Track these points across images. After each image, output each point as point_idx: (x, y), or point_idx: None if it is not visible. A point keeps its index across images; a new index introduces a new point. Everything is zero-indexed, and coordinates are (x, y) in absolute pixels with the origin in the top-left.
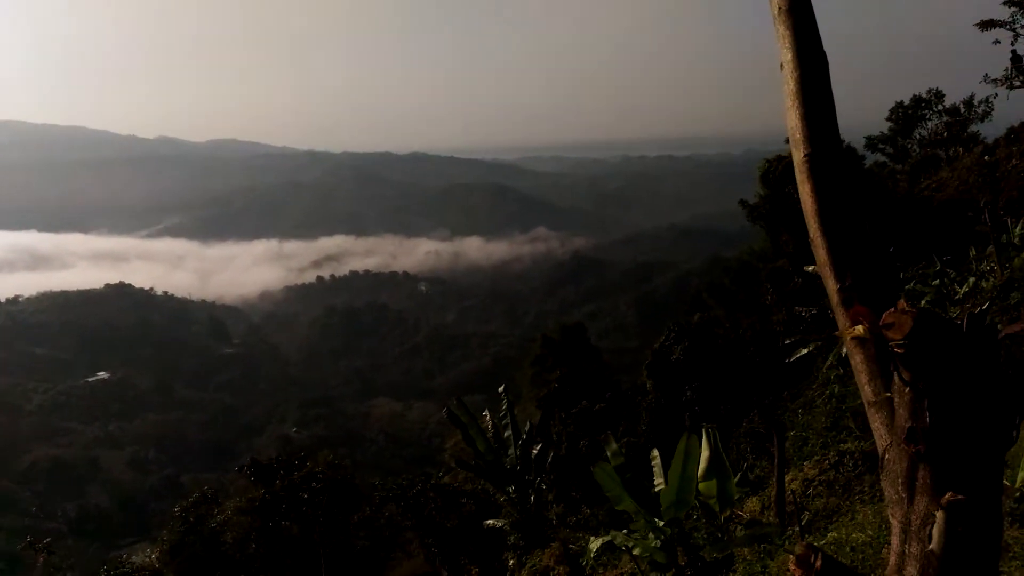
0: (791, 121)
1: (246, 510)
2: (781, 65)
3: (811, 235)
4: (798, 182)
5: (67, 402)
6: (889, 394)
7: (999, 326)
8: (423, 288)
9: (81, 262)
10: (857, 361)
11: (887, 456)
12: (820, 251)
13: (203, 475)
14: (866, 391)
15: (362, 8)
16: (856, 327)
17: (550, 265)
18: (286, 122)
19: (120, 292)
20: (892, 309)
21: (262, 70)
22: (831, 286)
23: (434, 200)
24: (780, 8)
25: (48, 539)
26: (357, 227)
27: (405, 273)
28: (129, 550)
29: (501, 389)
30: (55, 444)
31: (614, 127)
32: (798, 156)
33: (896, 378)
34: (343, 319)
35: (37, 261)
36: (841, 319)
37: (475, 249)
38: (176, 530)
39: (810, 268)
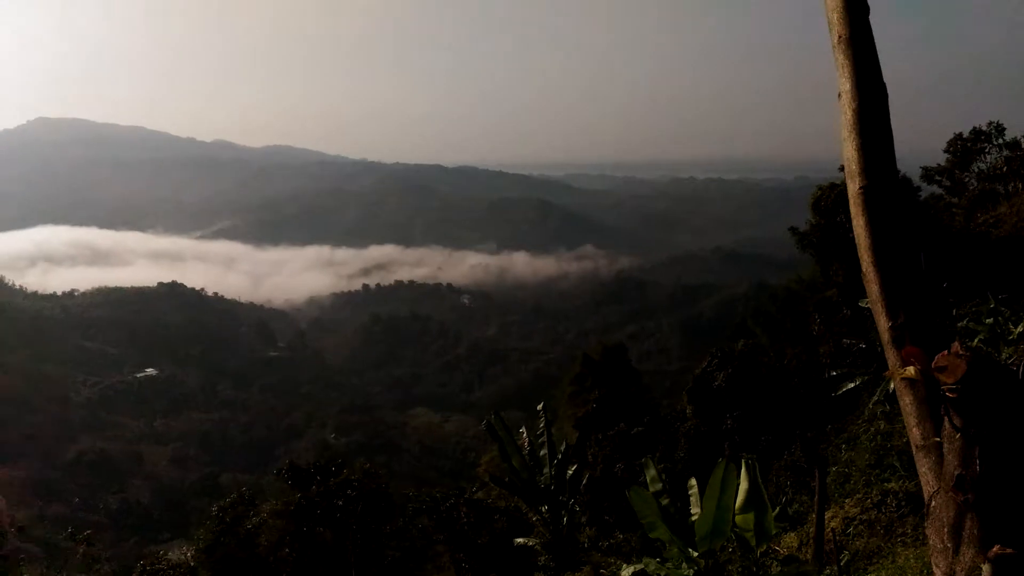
0: (847, 152)
1: (282, 513)
2: (839, 95)
3: (864, 269)
4: (852, 214)
5: (115, 396)
6: (938, 439)
7: None
8: (466, 301)
9: (140, 260)
10: (906, 402)
11: (933, 503)
12: (872, 286)
13: (242, 475)
14: (914, 434)
15: (418, 22)
16: (907, 368)
17: (594, 284)
18: (340, 131)
19: (172, 291)
20: (945, 352)
21: (318, 78)
22: (882, 323)
23: (481, 213)
24: (840, 37)
25: (89, 531)
26: (405, 237)
27: (449, 285)
28: (166, 546)
29: (540, 407)
30: (101, 437)
31: (663, 147)
32: (853, 188)
33: (947, 423)
34: (386, 328)
35: (97, 257)
36: (891, 357)
37: (522, 264)
38: (212, 529)
39: (863, 303)
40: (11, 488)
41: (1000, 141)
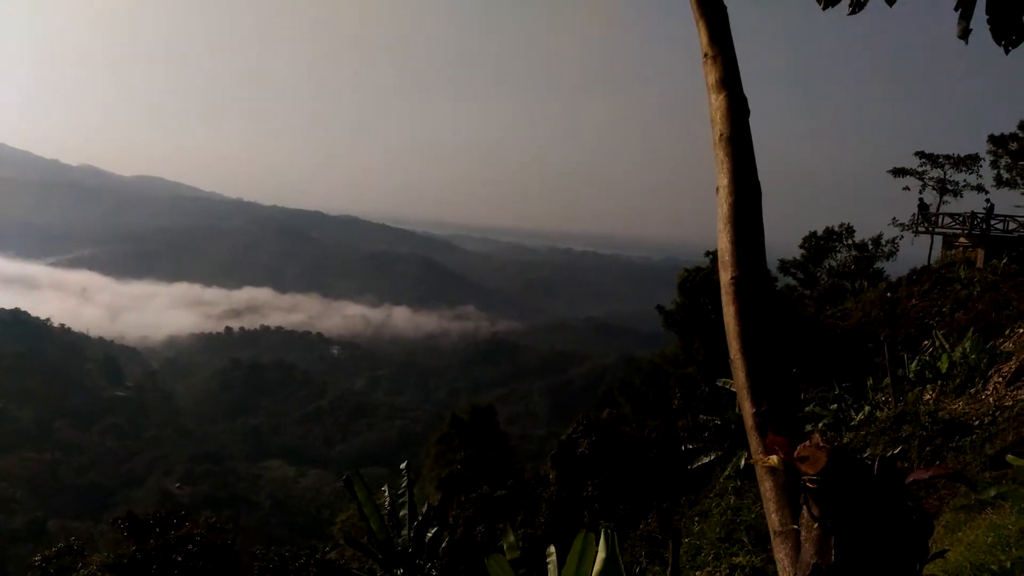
0: (721, 243)
1: (114, 567)
2: (717, 189)
3: (732, 356)
4: (723, 303)
5: None
6: (796, 526)
7: (906, 471)
8: (335, 351)
9: None
10: (766, 488)
11: None
12: (739, 373)
13: (72, 523)
14: (773, 520)
15: (310, 64)
16: (771, 456)
17: (469, 343)
18: (217, 168)
19: (14, 319)
20: (807, 443)
21: (199, 111)
22: (747, 409)
23: (359, 265)
24: (722, 135)
25: None
26: (278, 282)
27: (319, 334)
28: None
29: (403, 465)
30: None
31: (544, 217)
32: (725, 277)
33: (805, 512)
34: (247, 374)
35: None
36: (754, 443)
37: (403, 318)
38: None
39: (720, 382)
40: None
41: (850, 241)
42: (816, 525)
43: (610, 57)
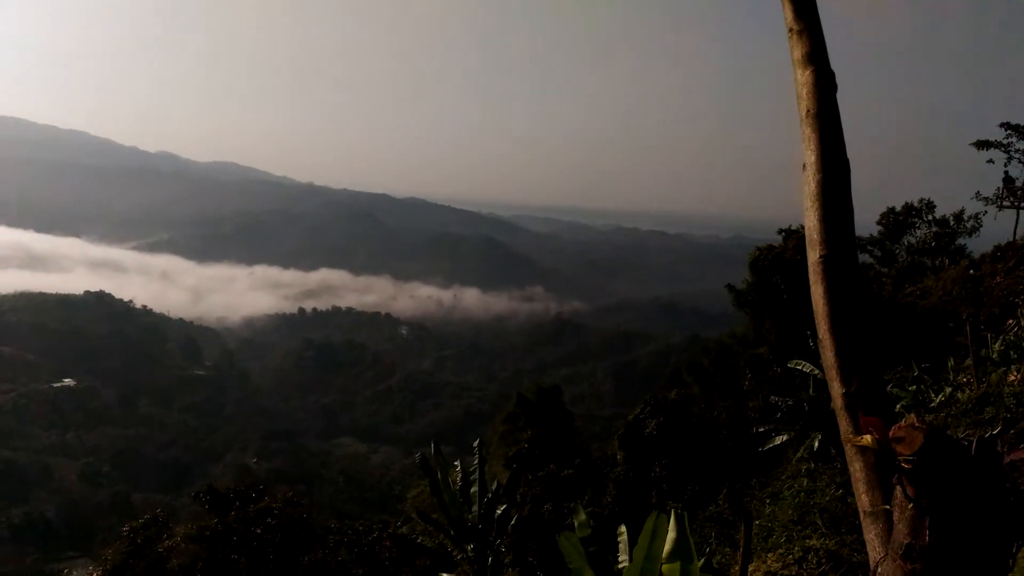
0: (809, 221)
1: (197, 538)
2: (804, 166)
3: (820, 336)
4: (811, 282)
5: (27, 405)
6: (887, 507)
7: (1004, 451)
8: (403, 332)
9: (79, 267)
10: (856, 469)
11: (880, 570)
12: (828, 353)
13: (155, 496)
14: (863, 500)
15: (376, 56)
16: (863, 436)
17: (533, 324)
18: (289, 152)
19: (99, 301)
20: (902, 423)
21: (271, 97)
22: (836, 389)
23: (426, 246)
24: (808, 111)
25: None
26: (348, 264)
27: (387, 315)
28: (69, 564)
29: (475, 443)
30: (9, 446)
31: (610, 196)
32: (813, 256)
33: (898, 492)
34: (319, 354)
35: (33, 261)
36: (843, 423)
37: (473, 299)
38: (121, 550)
39: (793, 363)
40: None
41: (930, 217)
42: (911, 505)
43: (681, 32)
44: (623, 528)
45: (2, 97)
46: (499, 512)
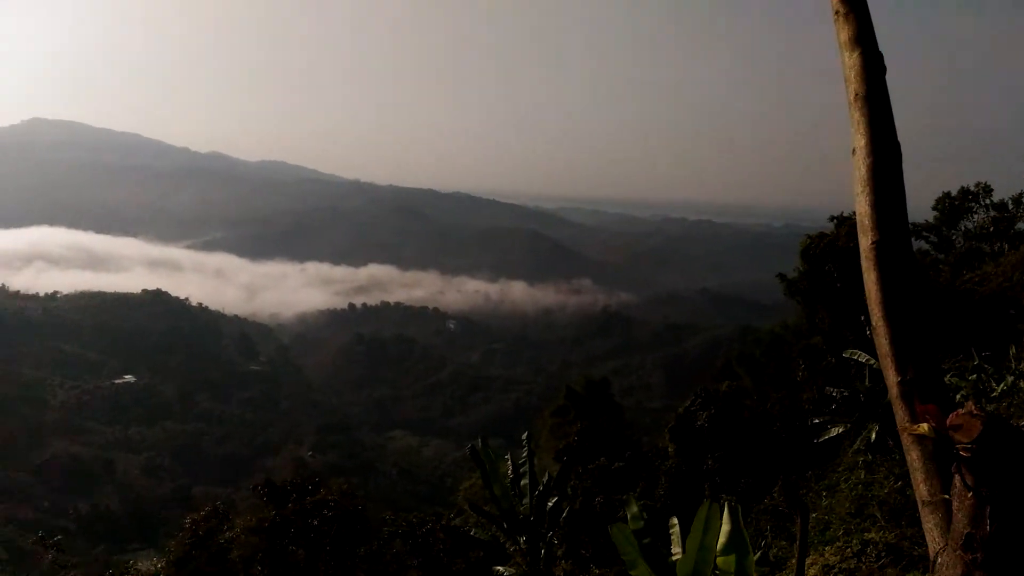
0: (860, 207)
1: (255, 530)
2: (853, 150)
3: (874, 323)
4: (863, 269)
5: (90, 401)
6: (946, 496)
7: None
8: (451, 326)
9: (137, 266)
10: (914, 458)
11: (940, 560)
12: (882, 341)
13: (214, 489)
14: (921, 490)
15: (418, 51)
16: (920, 424)
17: (580, 317)
18: (335, 150)
19: (156, 299)
20: (960, 411)
21: (317, 96)
22: (891, 377)
23: (472, 240)
24: (857, 94)
25: (59, 537)
26: (396, 259)
27: (436, 309)
28: (135, 556)
29: (524, 436)
30: (74, 441)
31: (656, 187)
32: (865, 242)
33: (958, 481)
34: (369, 348)
35: (93, 261)
36: (899, 411)
37: (521, 293)
38: (184, 542)
39: (848, 353)
40: None
41: (987, 202)
42: (970, 495)
43: (732, 15)
44: (675, 520)
45: (60, 102)
46: (550, 504)
